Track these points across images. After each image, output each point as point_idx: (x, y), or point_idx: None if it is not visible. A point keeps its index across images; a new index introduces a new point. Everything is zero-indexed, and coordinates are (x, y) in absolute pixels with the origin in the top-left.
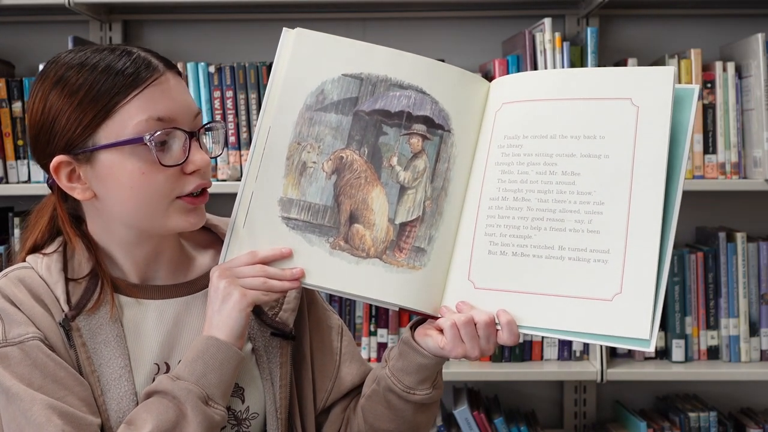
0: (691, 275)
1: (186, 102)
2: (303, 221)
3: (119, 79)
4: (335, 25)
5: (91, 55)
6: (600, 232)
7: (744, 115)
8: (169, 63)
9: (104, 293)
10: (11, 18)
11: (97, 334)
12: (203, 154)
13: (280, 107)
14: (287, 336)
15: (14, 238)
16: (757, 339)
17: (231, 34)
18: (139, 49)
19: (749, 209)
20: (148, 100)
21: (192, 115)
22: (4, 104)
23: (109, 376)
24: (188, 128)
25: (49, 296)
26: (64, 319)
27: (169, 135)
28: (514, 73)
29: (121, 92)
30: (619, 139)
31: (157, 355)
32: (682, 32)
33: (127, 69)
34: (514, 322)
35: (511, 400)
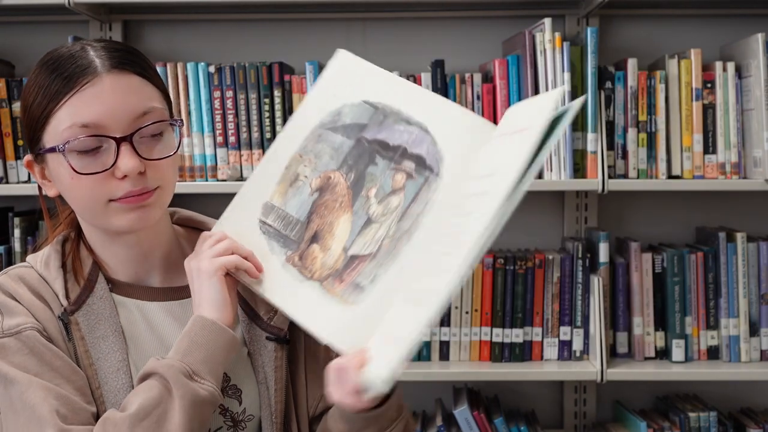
0: (691, 275)
1: (117, 105)
2: (274, 229)
3: (56, 84)
4: (335, 25)
5: (51, 57)
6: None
7: (744, 115)
8: (118, 61)
9: (103, 290)
10: (11, 18)
11: (95, 329)
12: (132, 160)
13: (301, 117)
14: (281, 340)
15: (14, 238)
16: (757, 339)
17: (231, 34)
18: (94, 48)
19: (749, 209)
20: (75, 106)
21: (128, 118)
22: (4, 104)
23: (107, 369)
24: (121, 132)
25: (48, 292)
26: (63, 313)
27: (92, 141)
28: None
29: (54, 98)
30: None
31: (152, 354)
32: (682, 32)
33: (65, 72)
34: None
35: (511, 400)
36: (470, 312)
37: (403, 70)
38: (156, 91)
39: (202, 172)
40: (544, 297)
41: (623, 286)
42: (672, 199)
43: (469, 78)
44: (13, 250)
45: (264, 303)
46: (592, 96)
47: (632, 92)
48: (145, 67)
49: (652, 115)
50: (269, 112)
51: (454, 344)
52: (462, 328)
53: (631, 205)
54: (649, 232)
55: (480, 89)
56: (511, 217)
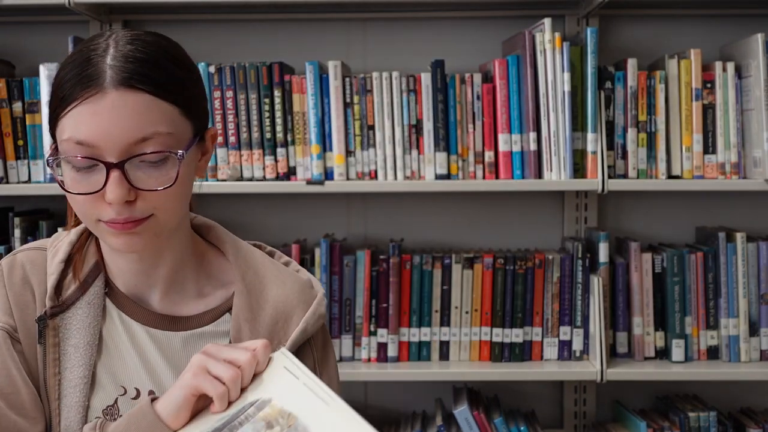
0: (691, 275)
1: (114, 127)
2: None
3: (67, 87)
4: (335, 25)
5: (79, 50)
6: None
7: (744, 115)
8: (129, 76)
9: (95, 295)
10: (11, 18)
11: (72, 335)
12: (118, 189)
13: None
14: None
15: (14, 238)
16: (756, 339)
17: (231, 34)
18: (114, 53)
19: (749, 209)
20: (76, 119)
21: (125, 143)
22: (4, 104)
23: (69, 382)
24: (114, 156)
25: (41, 287)
26: (40, 317)
27: (85, 161)
28: None
29: (62, 103)
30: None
31: (126, 377)
32: (682, 32)
33: (76, 77)
34: None
35: (511, 400)
36: (470, 312)
37: (403, 70)
38: (170, 111)
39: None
40: (544, 297)
41: (623, 286)
42: (672, 199)
43: (469, 78)
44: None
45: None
46: (592, 96)
47: (632, 92)
48: (165, 80)
49: (652, 115)
50: (269, 112)
51: (454, 344)
52: (462, 328)
53: (630, 205)
54: (649, 232)
55: (480, 89)
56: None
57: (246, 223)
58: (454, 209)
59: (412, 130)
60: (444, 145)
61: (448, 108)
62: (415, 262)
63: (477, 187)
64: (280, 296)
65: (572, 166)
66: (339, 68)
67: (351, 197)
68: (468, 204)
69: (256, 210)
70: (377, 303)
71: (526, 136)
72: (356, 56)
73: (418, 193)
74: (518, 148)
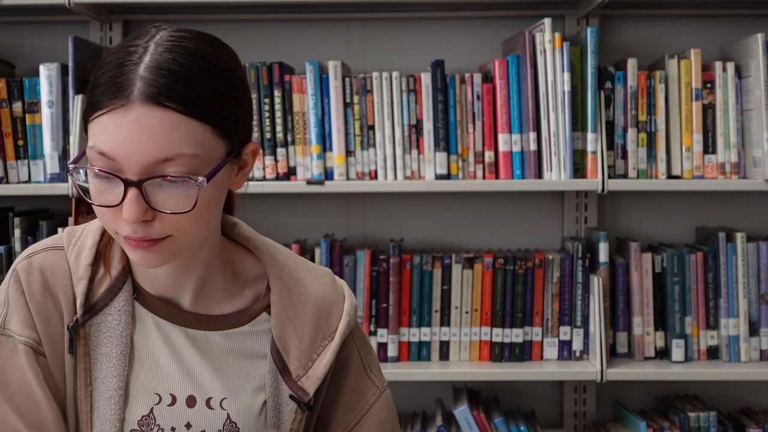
0: (691, 275)
1: (136, 145)
2: None
3: (98, 91)
4: (335, 25)
5: (116, 50)
6: None
7: (744, 115)
8: (159, 91)
9: (124, 301)
10: (11, 18)
11: (103, 344)
12: (135, 209)
13: None
14: (304, 405)
15: (14, 238)
16: (756, 339)
17: (231, 34)
18: (149, 62)
19: (749, 209)
20: (100, 128)
21: (146, 161)
22: (5, 104)
23: (101, 394)
24: (134, 174)
25: (66, 293)
26: (72, 326)
27: (105, 174)
28: None
29: (91, 107)
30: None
31: (162, 383)
32: (682, 32)
33: (105, 83)
34: None
35: (511, 400)
36: (470, 312)
37: (403, 70)
38: (200, 131)
39: None
40: (543, 297)
41: (623, 286)
42: (672, 199)
43: (469, 78)
44: (14, 250)
45: (297, 358)
46: (592, 96)
47: (632, 92)
48: (199, 98)
49: (652, 115)
50: (269, 112)
51: (454, 344)
52: (462, 328)
53: (630, 205)
54: (649, 232)
55: (480, 89)
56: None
57: (246, 223)
58: (454, 209)
59: (412, 130)
60: (444, 145)
61: (448, 108)
62: (415, 262)
63: (477, 187)
64: (319, 291)
65: (572, 166)
66: (339, 68)
67: (351, 197)
68: (468, 204)
69: (256, 210)
70: (377, 303)
71: (526, 136)
72: (356, 56)
73: (418, 193)
74: (518, 148)
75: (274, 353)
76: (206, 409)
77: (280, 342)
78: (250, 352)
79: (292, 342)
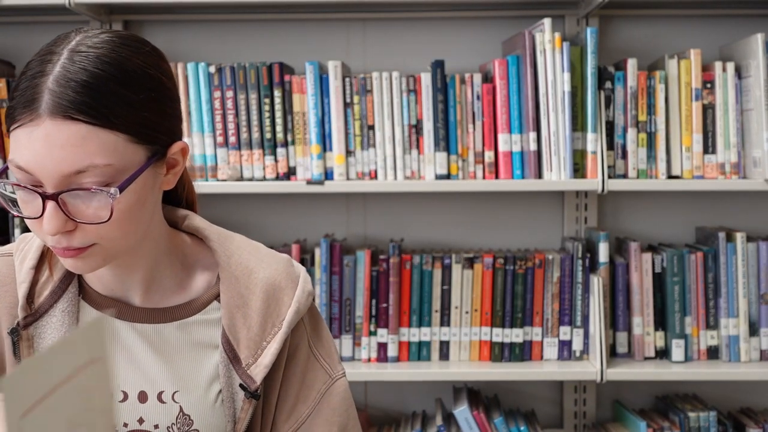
0: (690, 275)
1: (47, 159)
2: None
3: (12, 104)
4: (335, 25)
5: (35, 56)
6: None
7: (744, 115)
8: (67, 106)
9: (69, 302)
10: (11, 18)
11: (47, 345)
12: (54, 221)
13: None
14: (251, 394)
15: (14, 238)
16: (756, 339)
17: (231, 34)
18: (57, 74)
19: (749, 209)
20: (17, 141)
21: (59, 174)
22: (4, 104)
23: None
24: (51, 186)
25: (9, 297)
26: (13, 329)
27: (19, 188)
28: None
29: (8, 119)
30: None
31: (126, 372)
32: (682, 32)
33: (19, 95)
34: None
35: (511, 399)
36: (470, 312)
37: (403, 70)
38: (112, 141)
39: (202, 172)
40: (543, 297)
41: (623, 286)
42: (672, 199)
43: (469, 78)
44: None
45: (247, 346)
46: (592, 96)
47: (632, 92)
48: (110, 108)
49: (651, 115)
50: (269, 112)
51: (454, 344)
52: (462, 328)
53: (630, 205)
54: (649, 232)
55: (480, 89)
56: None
57: (246, 223)
58: (454, 209)
59: (412, 130)
60: (444, 145)
61: (448, 108)
62: (415, 262)
63: (477, 187)
64: (269, 278)
65: (572, 166)
66: (339, 68)
67: (351, 197)
68: (468, 204)
69: (256, 210)
70: (377, 303)
71: (526, 136)
72: (356, 56)
73: (418, 193)
74: (518, 148)
75: (224, 342)
76: (158, 404)
77: (230, 330)
78: (202, 342)
79: (241, 330)
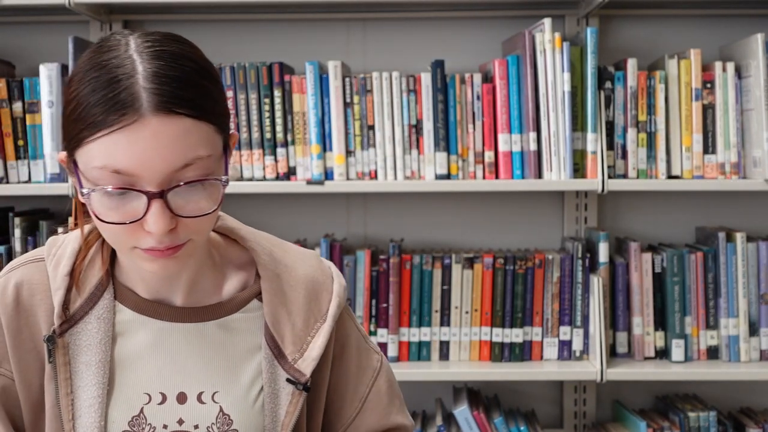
0: (690, 275)
1: (156, 156)
2: None
3: (95, 110)
4: (335, 25)
5: (99, 63)
6: None
7: (744, 115)
8: (168, 99)
9: (104, 309)
10: (11, 18)
11: (83, 352)
12: (162, 220)
13: None
14: (301, 386)
15: (14, 238)
16: (756, 339)
17: (231, 34)
18: (144, 72)
19: (749, 209)
20: (110, 146)
21: (167, 170)
22: (5, 104)
23: (83, 402)
24: (155, 185)
25: (44, 306)
26: (49, 337)
27: (120, 192)
28: None
29: (90, 127)
30: None
31: (151, 383)
32: (682, 32)
33: (103, 102)
34: None
35: (510, 399)
36: (470, 312)
37: (403, 70)
38: (208, 132)
39: None
40: (543, 297)
41: (623, 286)
42: (672, 199)
43: (469, 78)
44: (14, 250)
45: (292, 342)
46: (592, 96)
47: (632, 92)
48: (202, 99)
49: (651, 115)
50: (269, 112)
51: (454, 344)
52: (462, 328)
53: (630, 205)
54: (649, 232)
55: (480, 89)
56: (511, 218)
57: (246, 223)
58: (454, 209)
59: (412, 130)
60: (444, 145)
61: (448, 108)
62: (415, 262)
63: (477, 187)
64: (307, 275)
65: (572, 166)
66: (339, 68)
67: (351, 197)
68: (468, 204)
69: (256, 210)
70: (377, 303)
71: (526, 136)
72: (356, 56)
73: (418, 193)
74: (518, 148)
75: (268, 339)
76: (198, 404)
77: (274, 327)
78: (243, 339)
79: (285, 326)
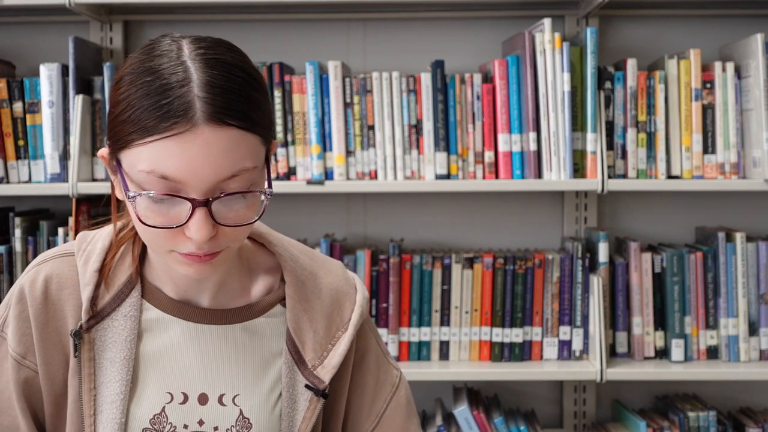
0: (690, 275)
1: (205, 165)
2: None
3: (146, 115)
4: (335, 25)
5: (151, 68)
6: None
7: (743, 115)
8: (221, 110)
9: (131, 306)
10: (11, 18)
11: (108, 348)
12: (204, 228)
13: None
14: (319, 393)
15: (15, 238)
16: (756, 339)
17: (231, 34)
18: (198, 81)
19: (749, 209)
20: (160, 152)
21: (214, 180)
22: (5, 104)
23: (105, 398)
24: (200, 193)
25: (71, 300)
26: (76, 332)
27: (167, 196)
28: None
29: (140, 131)
30: None
31: (174, 383)
32: (681, 32)
33: (156, 107)
34: None
35: (510, 399)
36: (470, 312)
37: (403, 70)
38: (255, 143)
39: None
40: (543, 297)
41: (623, 286)
42: (671, 199)
43: (468, 78)
44: (14, 250)
45: (312, 348)
46: (592, 96)
47: (632, 92)
48: (251, 111)
49: (651, 116)
50: None
51: (454, 344)
52: (462, 327)
53: (630, 205)
54: (649, 232)
55: (480, 89)
56: (511, 218)
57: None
58: (454, 209)
59: (412, 130)
60: (444, 145)
61: (448, 108)
62: (415, 262)
63: (477, 187)
64: (332, 283)
65: (572, 166)
66: (339, 68)
67: (351, 197)
68: (468, 204)
69: None
70: (377, 303)
71: (526, 136)
72: (356, 56)
73: (418, 193)
74: (518, 148)
75: (289, 344)
76: (218, 406)
77: (296, 333)
78: (266, 343)
79: (307, 333)
